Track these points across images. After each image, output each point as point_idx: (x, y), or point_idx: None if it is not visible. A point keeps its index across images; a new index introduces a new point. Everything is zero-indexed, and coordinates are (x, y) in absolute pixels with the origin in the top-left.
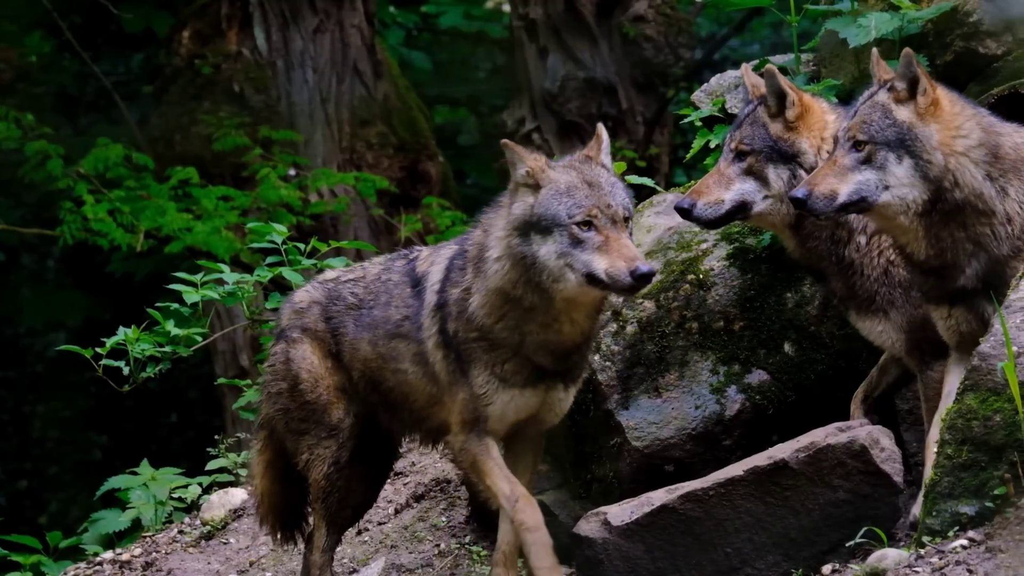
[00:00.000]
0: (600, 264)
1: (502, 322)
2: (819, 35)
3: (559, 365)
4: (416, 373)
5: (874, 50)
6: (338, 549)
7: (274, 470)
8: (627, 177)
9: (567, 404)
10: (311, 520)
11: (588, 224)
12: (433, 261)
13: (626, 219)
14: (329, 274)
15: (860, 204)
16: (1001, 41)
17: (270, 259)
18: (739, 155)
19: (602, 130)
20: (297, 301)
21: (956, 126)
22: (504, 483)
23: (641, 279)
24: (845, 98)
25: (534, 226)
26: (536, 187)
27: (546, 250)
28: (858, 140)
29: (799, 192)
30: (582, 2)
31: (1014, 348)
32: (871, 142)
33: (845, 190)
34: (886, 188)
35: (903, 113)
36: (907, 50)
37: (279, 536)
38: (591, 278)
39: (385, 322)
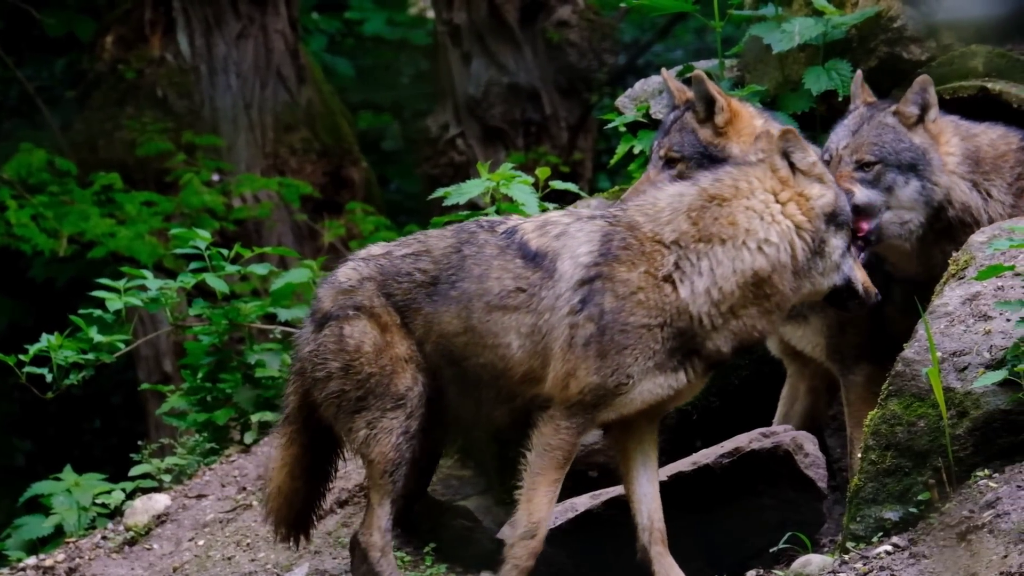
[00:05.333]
0: (859, 275)
1: (717, 308)
2: (743, 41)
3: (732, 355)
4: (522, 347)
5: (858, 72)
6: (260, 554)
7: (299, 466)
8: (551, 183)
9: (699, 390)
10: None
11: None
12: (562, 234)
13: None
14: (375, 249)
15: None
16: (925, 47)
17: (193, 264)
18: (669, 162)
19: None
20: (343, 281)
21: (944, 142)
22: (542, 507)
23: (876, 304)
24: (769, 103)
25: (833, 219)
26: (820, 179)
27: (834, 244)
28: (867, 161)
29: None
30: (506, 7)
31: (938, 354)
32: (882, 163)
33: (860, 195)
34: (887, 208)
35: (918, 138)
36: (925, 77)
37: (284, 534)
38: (846, 286)
39: (483, 294)
